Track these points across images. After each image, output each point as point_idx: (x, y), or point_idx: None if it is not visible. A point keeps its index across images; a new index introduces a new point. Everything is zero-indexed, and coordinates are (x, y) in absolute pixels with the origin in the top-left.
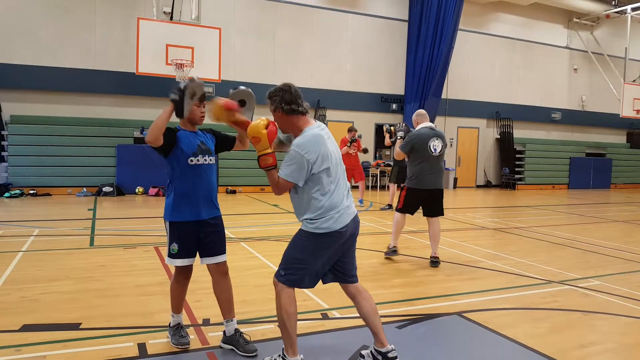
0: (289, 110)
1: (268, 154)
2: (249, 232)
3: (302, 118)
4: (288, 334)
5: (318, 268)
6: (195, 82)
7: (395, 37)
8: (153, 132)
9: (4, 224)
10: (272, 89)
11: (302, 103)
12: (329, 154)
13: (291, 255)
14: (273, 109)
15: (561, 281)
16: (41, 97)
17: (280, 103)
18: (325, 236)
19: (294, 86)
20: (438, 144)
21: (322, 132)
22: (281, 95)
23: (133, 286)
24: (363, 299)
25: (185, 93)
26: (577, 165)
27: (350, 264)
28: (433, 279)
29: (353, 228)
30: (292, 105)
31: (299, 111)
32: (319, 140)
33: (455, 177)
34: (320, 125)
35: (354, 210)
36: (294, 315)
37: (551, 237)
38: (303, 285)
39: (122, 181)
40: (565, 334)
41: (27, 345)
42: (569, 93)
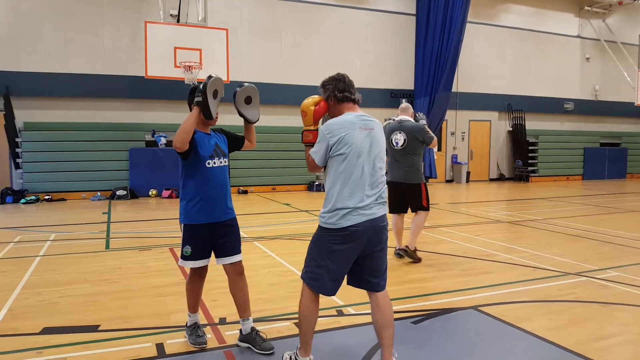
0: (342, 98)
1: (310, 130)
2: (262, 231)
3: (352, 106)
4: (302, 333)
5: (335, 269)
6: (213, 79)
7: (403, 31)
8: (181, 136)
9: (21, 230)
10: (326, 78)
11: (354, 92)
12: (350, 142)
13: (309, 251)
14: (326, 97)
15: (578, 273)
16: (53, 103)
17: (333, 91)
18: (332, 232)
19: (348, 76)
20: (400, 137)
21: (357, 119)
22: (334, 84)
23: (149, 287)
24: (378, 308)
25: (207, 93)
26: (592, 155)
27: (375, 271)
28: (448, 274)
29: (370, 231)
30: (345, 93)
31: (351, 99)
32: (346, 125)
33: (467, 171)
34: (364, 115)
35: (375, 212)
36: (310, 317)
37: (566, 229)
38: (320, 287)
39: (135, 184)
40: (583, 326)
41: (48, 348)
42: (582, 83)
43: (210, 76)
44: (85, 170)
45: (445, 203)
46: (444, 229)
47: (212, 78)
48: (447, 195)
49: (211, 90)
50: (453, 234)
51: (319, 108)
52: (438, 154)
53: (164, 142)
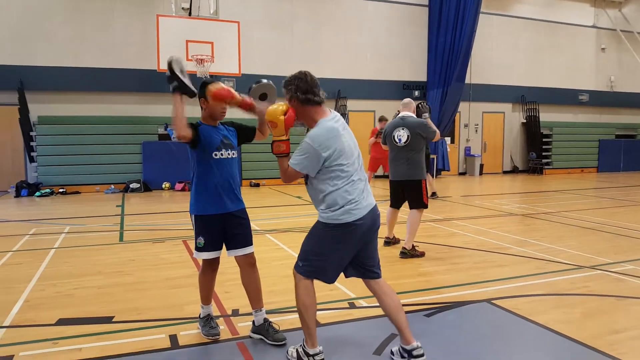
0: (305, 100)
1: (282, 140)
2: (273, 224)
3: (318, 109)
4: (306, 325)
5: (337, 261)
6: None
7: (416, 22)
8: (176, 126)
9: (36, 222)
10: (288, 77)
11: (318, 92)
12: (344, 148)
13: (308, 246)
14: (288, 98)
15: (592, 266)
16: (67, 97)
17: (295, 92)
18: (340, 227)
19: (310, 74)
20: (403, 134)
21: (336, 124)
22: (296, 84)
23: (163, 279)
24: (384, 294)
25: (175, 72)
26: (607, 147)
27: (370, 258)
28: (461, 267)
29: (371, 221)
30: (307, 95)
31: (315, 101)
32: (333, 134)
33: (481, 164)
34: (336, 116)
35: (371, 202)
36: (311, 307)
37: (581, 222)
38: (323, 277)
39: (148, 177)
40: (597, 319)
41: (64, 339)
42: (597, 74)
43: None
44: (99, 163)
45: (458, 196)
46: (457, 221)
47: (171, 59)
48: (460, 188)
49: (178, 70)
50: (466, 226)
51: (289, 117)
52: (451, 146)
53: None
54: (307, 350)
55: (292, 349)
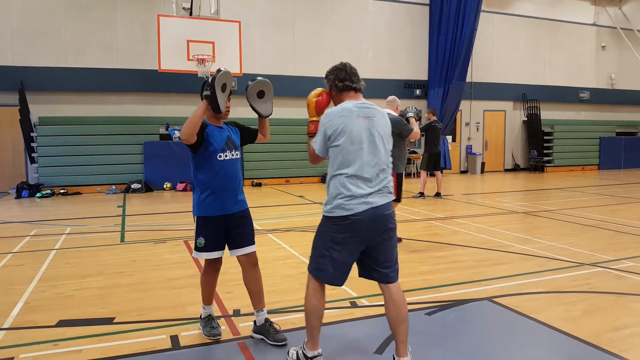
0: (343, 87)
1: (313, 120)
2: (276, 223)
3: (353, 94)
4: (310, 326)
5: (339, 259)
6: (222, 72)
7: (417, 21)
8: (187, 129)
9: (37, 224)
10: (329, 68)
11: (356, 80)
12: (351, 130)
13: (314, 242)
14: (329, 88)
15: (593, 263)
16: (67, 97)
17: (334, 81)
18: (335, 220)
19: (350, 65)
20: None
21: (356, 107)
22: (336, 74)
23: (164, 280)
24: (392, 303)
25: (215, 87)
26: (608, 145)
27: (381, 260)
28: (462, 265)
29: (372, 220)
30: (345, 82)
31: (352, 87)
32: (343, 113)
33: (482, 162)
34: (364, 104)
35: (376, 201)
36: (315, 309)
37: (582, 219)
38: (328, 278)
39: (149, 177)
40: (598, 316)
41: (64, 340)
42: (597, 71)
43: (219, 70)
44: (100, 164)
45: (459, 194)
46: (459, 220)
47: (221, 72)
48: (462, 186)
49: (220, 84)
50: (467, 224)
51: (321, 99)
52: (452, 144)
53: (177, 135)
54: (305, 353)
55: (293, 350)
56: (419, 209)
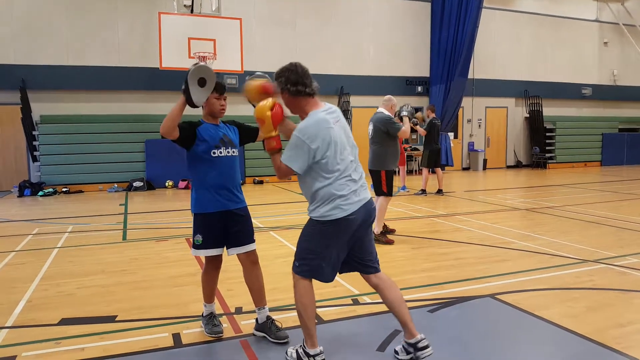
0: (295, 92)
1: (272, 137)
2: (277, 221)
3: (310, 100)
4: (305, 325)
5: (332, 258)
6: (197, 66)
7: (418, 18)
8: (165, 124)
9: (39, 222)
10: (278, 69)
11: (309, 84)
12: (333, 140)
13: (302, 245)
14: (280, 90)
15: (596, 260)
16: (69, 96)
17: (286, 84)
18: (331, 224)
19: (301, 65)
20: (370, 127)
21: (328, 115)
22: (287, 76)
23: (166, 278)
24: (386, 288)
25: (188, 81)
26: (610, 141)
27: (366, 252)
28: (464, 262)
29: (364, 215)
30: (298, 87)
31: (306, 92)
32: (322, 125)
33: (484, 158)
34: (330, 108)
35: (364, 197)
36: (310, 306)
37: (585, 216)
38: (320, 276)
39: (151, 175)
40: (602, 313)
41: (66, 338)
42: (600, 68)
43: (195, 64)
44: (102, 162)
45: (462, 191)
46: (461, 217)
47: (196, 65)
48: (464, 183)
49: (195, 78)
50: (470, 221)
51: (276, 112)
52: (454, 141)
53: None
54: (307, 351)
55: (292, 349)
56: (421, 206)
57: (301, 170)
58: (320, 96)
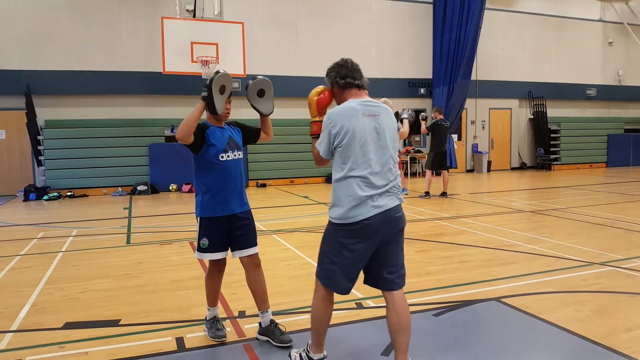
0: (344, 84)
1: (315, 121)
2: (280, 224)
3: (355, 91)
4: (316, 332)
5: (346, 265)
6: (220, 74)
7: (420, 19)
8: (183, 129)
9: (44, 226)
10: (330, 65)
11: (358, 77)
12: (356, 131)
13: (321, 248)
14: (330, 85)
15: (603, 262)
16: (73, 101)
17: (335, 78)
18: (343, 227)
19: (352, 60)
20: None
21: (360, 106)
22: (337, 70)
23: (170, 281)
24: (393, 311)
25: (212, 88)
26: (616, 142)
27: (387, 264)
28: (469, 265)
29: (382, 224)
30: (347, 79)
31: (355, 84)
32: (347, 112)
33: (488, 160)
34: (368, 101)
35: (385, 204)
36: (323, 317)
37: (591, 218)
38: (334, 285)
39: (155, 179)
40: (610, 317)
41: (70, 342)
42: (604, 68)
43: (217, 71)
44: (106, 166)
45: (466, 193)
46: (465, 219)
47: (219, 73)
48: (468, 185)
49: (217, 86)
50: (474, 224)
51: (323, 98)
52: (458, 143)
53: None
54: (310, 356)
55: (295, 353)
56: (425, 209)
57: (325, 154)
58: None
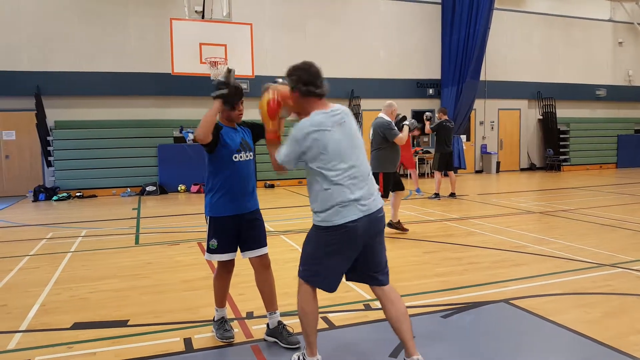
0: (306, 92)
1: (269, 129)
2: (288, 224)
3: (318, 102)
4: (305, 331)
5: (332, 266)
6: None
7: (429, 20)
8: (203, 128)
9: (53, 226)
10: (291, 66)
11: (320, 84)
12: (328, 142)
13: (305, 249)
14: (290, 89)
15: (613, 264)
16: (82, 102)
17: (297, 83)
18: (329, 230)
19: (314, 65)
20: (371, 132)
21: (327, 119)
22: (299, 75)
23: (178, 282)
24: (388, 301)
25: (230, 82)
26: (626, 142)
27: (374, 264)
28: (478, 266)
29: (367, 225)
30: (309, 87)
31: (316, 93)
32: (318, 127)
33: (497, 161)
34: (335, 110)
35: (370, 205)
36: (311, 314)
37: (600, 219)
38: (321, 284)
39: (164, 180)
40: (619, 319)
41: (78, 343)
42: (614, 68)
43: (229, 69)
44: (115, 167)
45: (475, 194)
46: (474, 220)
47: (232, 70)
48: (477, 186)
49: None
50: (483, 225)
51: (271, 106)
52: (467, 144)
53: (191, 138)
54: (306, 359)
55: (295, 356)
56: (434, 210)
57: (290, 164)
58: (332, 99)
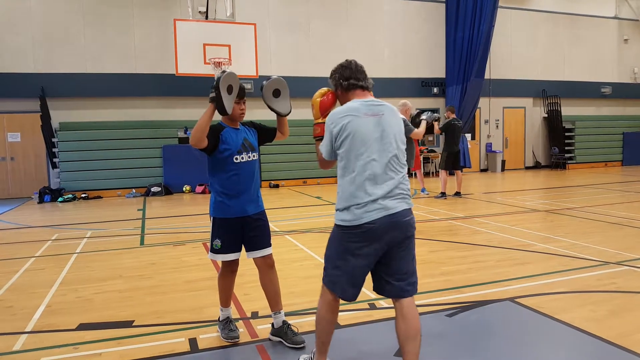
0: (348, 86)
1: (318, 123)
2: (293, 224)
3: (359, 92)
4: (319, 338)
5: (349, 270)
6: (226, 74)
7: (433, 19)
8: (195, 135)
9: (58, 228)
10: (334, 67)
11: (362, 78)
12: (354, 129)
13: (326, 252)
14: (334, 87)
15: (619, 262)
16: (87, 103)
17: (339, 80)
18: (345, 230)
19: (355, 62)
20: None
21: (364, 106)
22: (340, 72)
23: (183, 282)
24: (400, 316)
25: (220, 88)
26: (631, 140)
27: (392, 268)
28: (483, 265)
29: (388, 228)
30: (350, 80)
31: (359, 85)
32: (349, 112)
33: (502, 160)
34: (372, 101)
35: (392, 207)
36: (326, 322)
37: (606, 217)
38: (338, 291)
39: (169, 181)
40: (625, 317)
41: (84, 344)
42: (620, 66)
43: (223, 71)
44: (120, 168)
45: (480, 193)
46: (479, 219)
47: (225, 73)
48: (482, 185)
49: (225, 85)
50: (488, 224)
51: (326, 99)
52: (472, 142)
53: None
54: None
55: (304, 358)
56: (439, 209)
57: (328, 155)
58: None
